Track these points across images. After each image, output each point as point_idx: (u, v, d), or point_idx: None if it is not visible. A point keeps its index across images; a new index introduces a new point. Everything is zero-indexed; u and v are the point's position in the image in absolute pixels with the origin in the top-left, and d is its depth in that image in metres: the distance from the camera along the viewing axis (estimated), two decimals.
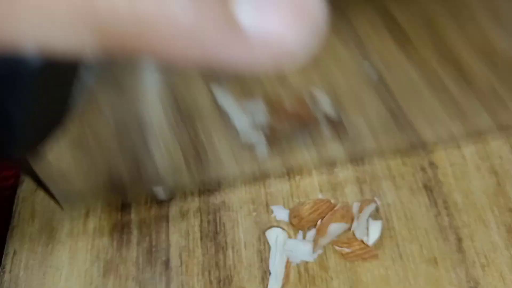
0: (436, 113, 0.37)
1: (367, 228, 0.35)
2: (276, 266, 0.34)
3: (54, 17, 0.13)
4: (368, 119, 0.37)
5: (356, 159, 0.39)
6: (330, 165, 0.39)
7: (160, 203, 0.37)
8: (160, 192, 0.37)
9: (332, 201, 0.37)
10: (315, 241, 0.34)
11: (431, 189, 0.38)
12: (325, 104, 0.34)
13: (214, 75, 0.31)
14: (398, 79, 0.34)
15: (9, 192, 0.38)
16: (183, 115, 0.32)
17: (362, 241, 0.35)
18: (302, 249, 0.34)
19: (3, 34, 0.14)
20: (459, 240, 0.36)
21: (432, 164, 0.39)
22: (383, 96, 0.35)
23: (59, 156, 0.33)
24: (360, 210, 0.35)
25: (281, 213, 0.36)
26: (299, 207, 0.36)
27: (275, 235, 0.35)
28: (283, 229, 0.36)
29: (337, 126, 0.36)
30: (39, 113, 0.22)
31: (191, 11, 0.13)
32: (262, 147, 0.36)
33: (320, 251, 0.35)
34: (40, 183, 0.34)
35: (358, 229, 0.35)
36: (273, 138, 0.35)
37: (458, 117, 0.38)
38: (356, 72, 0.33)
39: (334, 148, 0.38)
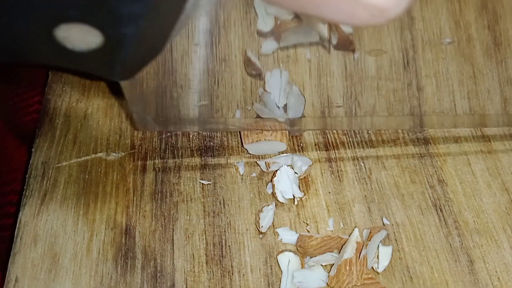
0: (450, 80, 0.35)
1: (377, 255, 0.34)
2: None
3: None
4: (380, 59, 0.35)
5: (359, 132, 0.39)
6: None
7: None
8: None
9: (341, 225, 0.36)
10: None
11: (441, 208, 0.37)
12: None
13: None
14: (427, 19, 0.32)
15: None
16: None
17: (372, 269, 0.34)
18: (313, 277, 0.33)
19: None
20: (471, 261, 0.35)
21: (441, 182, 0.38)
22: (404, 36, 0.32)
23: (143, 81, 0.34)
24: (369, 238, 0.34)
25: (287, 236, 0.35)
26: (306, 239, 0.34)
27: (287, 260, 0.34)
28: (295, 253, 0.35)
29: (346, 40, 0.34)
30: (148, 35, 0.22)
31: None
32: (270, 40, 0.35)
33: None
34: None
35: (368, 257, 0.34)
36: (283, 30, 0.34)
37: (470, 94, 0.36)
38: None
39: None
